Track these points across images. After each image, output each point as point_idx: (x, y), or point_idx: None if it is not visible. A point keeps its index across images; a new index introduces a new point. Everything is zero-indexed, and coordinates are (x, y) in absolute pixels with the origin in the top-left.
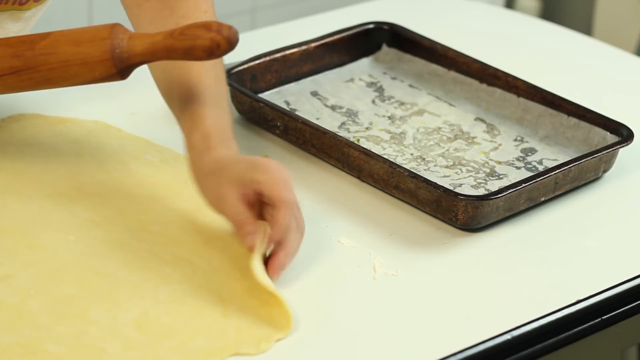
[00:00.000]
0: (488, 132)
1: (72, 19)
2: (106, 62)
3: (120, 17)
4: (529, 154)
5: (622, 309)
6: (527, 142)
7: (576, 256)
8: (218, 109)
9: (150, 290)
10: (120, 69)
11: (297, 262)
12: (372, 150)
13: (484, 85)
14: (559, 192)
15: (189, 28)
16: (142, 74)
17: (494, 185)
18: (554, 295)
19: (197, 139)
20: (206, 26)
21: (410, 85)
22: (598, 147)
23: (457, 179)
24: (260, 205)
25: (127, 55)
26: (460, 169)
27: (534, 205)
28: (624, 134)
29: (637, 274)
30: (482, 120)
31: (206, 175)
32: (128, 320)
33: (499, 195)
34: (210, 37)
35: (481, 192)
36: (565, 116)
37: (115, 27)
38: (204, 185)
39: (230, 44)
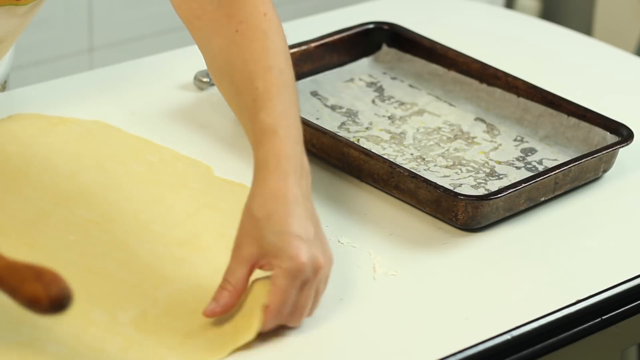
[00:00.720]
0: (488, 132)
1: (72, 18)
2: None
3: (119, 17)
4: (529, 154)
5: (622, 309)
6: (527, 142)
7: (576, 256)
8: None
9: (150, 290)
10: None
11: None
12: (372, 150)
13: (484, 85)
14: (559, 192)
15: (21, 270)
16: (142, 74)
17: (494, 185)
18: (554, 295)
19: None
20: (35, 276)
21: (410, 85)
22: (598, 147)
23: (457, 179)
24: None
25: None
26: (460, 169)
27: (534, 205)
28: (624, 134)
29: (637, 274)
30: (482, 120)
31: (254, 208)
32: (128, 321)
33: (499, 195)
34: (31, 292)
35: (481, 192)
36: (565, 116)
37: None
38: (248, 211)
39: (54, 306)
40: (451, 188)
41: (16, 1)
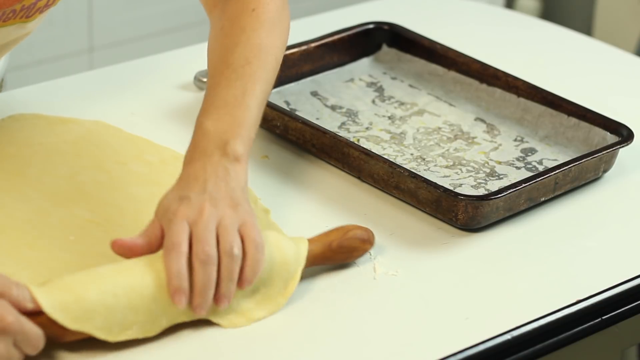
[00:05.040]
0: (488, 132)
1: (72, 18)
2: None
3: (119, 17)
4: (529, 154)
5: (622, 309)
6: (527, 142)
7: (576, 256)
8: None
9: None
10: None
11: None
12: (372, 150)
13: (484, 85)
14: (559, 192)
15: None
16: (142, 74)
17: (494, 185)
18: (554, 295)
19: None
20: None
21: (410, 85)
22: (598, 147)
23: (457, 179)
24: None
25: None
26: (460, 169)
27: (534, 205)
28: (624, 134)
29: (637, 274)
30: (482, 120)
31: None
32: None
33: (499, 195)
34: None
35: (481, 192)
36: (565, 116)
37: None
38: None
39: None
40: (451, 188)
41: (25, 19)
